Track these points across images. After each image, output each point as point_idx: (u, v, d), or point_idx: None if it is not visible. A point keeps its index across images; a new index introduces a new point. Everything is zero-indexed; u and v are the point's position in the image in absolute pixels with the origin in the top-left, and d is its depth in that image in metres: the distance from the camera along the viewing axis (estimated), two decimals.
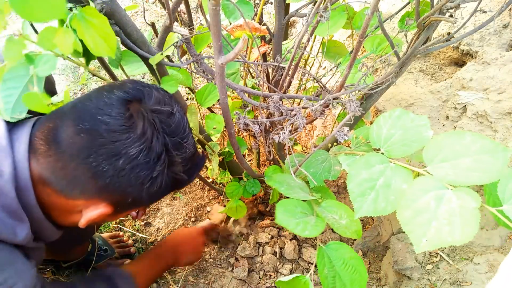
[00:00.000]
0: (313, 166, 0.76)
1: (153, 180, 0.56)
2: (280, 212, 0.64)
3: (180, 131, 0.59)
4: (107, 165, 0.52)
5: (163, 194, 0.62)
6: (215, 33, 0.49)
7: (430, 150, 0.53)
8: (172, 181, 0.60)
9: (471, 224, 0.45)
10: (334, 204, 0.69)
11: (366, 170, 0.56)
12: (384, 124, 0.61)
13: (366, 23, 0.57)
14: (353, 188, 0.56)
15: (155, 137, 0.55)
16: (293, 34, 1.86)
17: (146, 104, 0.56)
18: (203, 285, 1.15)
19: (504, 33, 1.09)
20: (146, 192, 0.57)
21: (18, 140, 0.54)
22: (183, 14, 0.93)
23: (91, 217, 0.57)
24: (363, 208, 0.55)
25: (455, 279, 0.94)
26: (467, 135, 0.51)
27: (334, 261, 0.62)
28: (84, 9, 0.50)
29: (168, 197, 1.35)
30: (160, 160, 0.55)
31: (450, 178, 0.49)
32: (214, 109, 1.41)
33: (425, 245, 0.47)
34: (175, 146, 0.58)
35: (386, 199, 0.53)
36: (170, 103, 0.59)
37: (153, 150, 0.54)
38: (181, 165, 0.60)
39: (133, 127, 0.53)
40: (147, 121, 0.54)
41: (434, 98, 1.17)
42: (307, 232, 0.61)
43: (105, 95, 0.55)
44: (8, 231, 0.52)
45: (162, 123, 0.56)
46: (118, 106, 0.53)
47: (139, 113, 0.54)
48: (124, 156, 0.52)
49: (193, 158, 0.64)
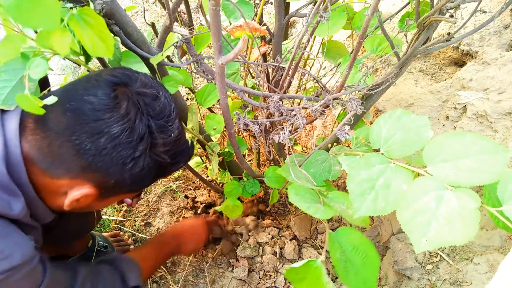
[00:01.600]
0: (313, 166, 0.76)
1: (135, 161, 0.57)
2: (292, 193, 0.64)
3: (165, 115, 0.59)
4: (90, 143, 0.53)
5: (147, 178, 0.62)
6: (215, 33, 0.49)
7: (430, 151, 0.53)
8: (156, 165, 0.60)
9: (471, 224, 0.45)
10: (340, 194, 0.69)
11: (366, 170, 0.56)
12: (384, 125, 0.61)
13: (366, 23, 0.57)
14: (353, 188, 0.56)
15: (139, 118, 0.56)
16: (293, 34, 1.86)
17: (132, 87, 0.57)
18: (203, 285, 1.15)
19: (504, 33, 1.09)
20: (129, 174, 0.58)
21: (9, 119, 0.55)
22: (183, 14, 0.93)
23: (74, 197, 0.57)
24: (362, 207, 0.55)
25: (455, 279, 0.94)
26: (467, 136, 0.51)
27: (345, 247, 0.62)
28: (82, 10, 0.50)
29: (168, 197, 1.35)
30: (142, 140, 0.56)
31: (450, 178, 0.49)
32: (214, 109, 1.41)
33: (425, 245, 0.47)
34: (159, 129, 0.59)
35: (386, 199, 0.53)
36: (156, 87, 0.61)
37: (135, 130, 0.55)
38: (165, 148, 0.61)
39: (117, 107, 0.54)
40: (131, 102, 0.55)
41: (434, 98, 1.17)
42: (319, 214, 0.61)
43: (94, 77, 0.57)
44: (3, 204, 0.53)
45: (147, 105, 0.57)
46: (104, 88, 0.55)
47: (124, 94, 0.55)
48: (106, 135, 0.53)
49: (179, 143, 0.64)
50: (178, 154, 0.65)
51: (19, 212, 0.55)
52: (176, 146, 0.63)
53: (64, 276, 0.65)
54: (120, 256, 0.84)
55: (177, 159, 0.66)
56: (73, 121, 0.53)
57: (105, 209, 1.33)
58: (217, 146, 0.94)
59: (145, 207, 1.33)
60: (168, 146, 0.61)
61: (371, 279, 0.61)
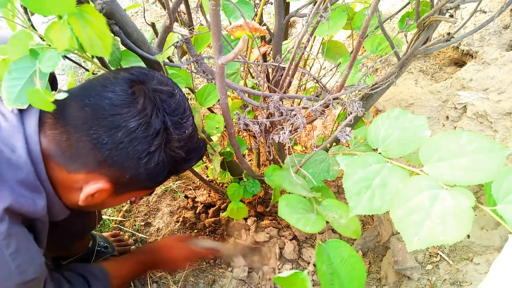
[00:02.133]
0: (312, 166, 0.76)
1: (150, 155, 0.58)
2: (282, 205, 0.64)
3: (180, 112, 0.61)
4: (107, 137, 0.54)
5: (161, 174, 0.63)
6: (215, 33, 0.49)
7: (427, 150, 0.53)
8: (170, 160, 0.62)
9: (464, 223, 0.45)
10: (334, 203, 0.69)
11: (363, 169, 0.56)
12: (382, 124, 0.61)
13: (366, 23, 0.57)
14: (349, 187, 0.56)
15: (155, 114, 0.57)
16: (293, 34, 1.86)
17: (149, 84, 0.59)
18: (203, 285, 1.15)
19: (504, 33, 1.09)
20: (144, 168, 0.59)
21: (28, 116, 0.56)
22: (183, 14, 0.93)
23: (89, 191, 0.58)
24: (358, 206, 0.55)
25: (455, 279, 0.94)
26: (464, 135, 0.51)
27: (333, 259, 0.62)
28: (83, 7, 0.50)
29: (168, 197, 1.35)
30: (158, 136, 0.57)
31: (447, 177, 0.49)
32: (214, 109, 1.41)
33: (417, 244, 0.47)
34: (174, 125, 0.60)
35: (382, 198, 0.54)
36: (172, 85, 0.62)
37: (151, 126, 0.56)
38: (179, 144, 0.62)
39: (134, 103, 0.55)
40: (148, 98, 0.57)
41: (434, 98, 1.17)
42: (308, 228, 0.61)
43: (112, 75, 0.58)
44: (28, 203, 0.54)
45: (163, 102, 0.59)
46: (122, 84, 0.56)
47: (141, 91, 0.57)
48: (124, 129, 0.55)
49: (192, 140, 0.65)
50: (192, 151, 0.66)
51: (42, 208, 0.56)
52: (190, 143, 0.64)
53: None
54: (93, 270, 0.82)
55: (191, 156, 0.67)
56: (91, 116, 0.54)
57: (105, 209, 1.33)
58: (218, 146, 0.94)
59: (145, 207, 1.33)
60: (183, 142, 0.62)
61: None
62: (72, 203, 0.62)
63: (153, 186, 0.68)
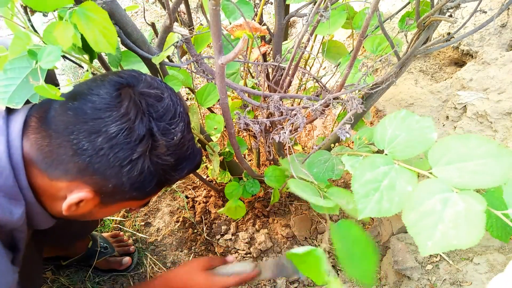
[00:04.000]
0: (316, 166, 0.76)
1: (133, 163, 0.54)
2: (293, 185, 0.64)
3: (168, 117, 0.57)
4: (87, 142, 0.51)
5: (147, 184, 0.59)
6: (215, 33, 0.49)
7: (436, 152, 0.53)
8: (157, 169, 0.58)
9: (477, 227, 0.45)
10: (339, 190, 0.69)
11: (371, 171, 0.56)
12: (389, 125, 0.61)
13: (366, 23, 0.57)
14: (358, 189, 0.56)
15: (139, 119, 0.53)
16: (293, 34, 1.86)
17: (137, 87, 0.56)
18: None
19: (504, 33, 1.09)
20: (127, 177, 0.55)
21: (14, 120, 0.54)
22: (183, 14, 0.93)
23: (72, 200, 0.54)
24: (367, 209, 0.55)
25: (455, 279, 0.94)
26: (472, 139, 0.51)
27: (345, 239, 0.62)
28: (84, 4, 0.50)
29: (168, 197, 1.35)
30: (142, 142, 0.54)
31: (456, 180, 0.49)
32: (214, 109, 1.41)
33: (430, 248, 0.47)
34: (161, 131, 0.56)
35: (391, 200, 0.53)
36: (162, 89, 0.59)
37: (134, 131, 0.53)
38: (167, 151, 0.57)
39: (118, 106, 0.52)
40: (133, 101, 0.54)
41: (434, 98, 1.17)
42: (322, 202, 0.61)
43: (100, 78, 0.56)
44: (5, 212, 0.51)
45: (150, 106, 0.55)
46: (108, 87, 0.54)
47: (127, 94, 0.54)
48: (104, 134, 0.51)
49: (182, 147, 0.60)
50: (183, 159, 0.62)
51: (18, 218, 0.53)
52: (180, 150, 0.60)
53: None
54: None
55: (182, 165, 0.62)
56: (73, 120, 0.52)
57: None
58: (217, 146, 0.94)
59: (145, 207, 1.33)
60: (171, 149, 0.58)
61: (370, 270, 0.61)
62: (57, 212, 0.59)
63: (142, 197, 0.62)
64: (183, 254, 1.22)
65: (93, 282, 1.13)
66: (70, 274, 1.15)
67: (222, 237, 1.24)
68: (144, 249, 1.22)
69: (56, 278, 1.12)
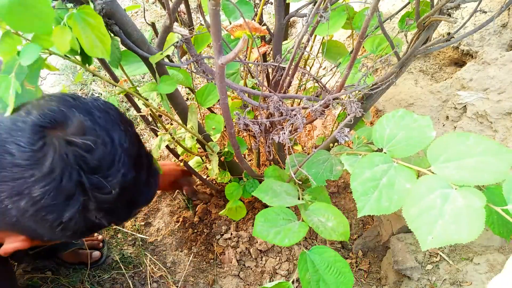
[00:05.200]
0: (315, 166, 0.76)
1: (64, 224, 0.49)
2: (259, 223, 0.63)
3: (104, 168, 0.49)
4: (10, 203, 0.46)
5: (89, 232, 0.54)
6: (215, 33, 0.49)
7: (434, 150, 0.53)
8: (96, 224, 0.52)
9: (477, 222, 0.46)
10: (322, 206, 0.69)
11: (370, 170, 0.56)
12: (387, 124, 0.61)
13: (366, 23, 0.57)
14: (357, 187, 0.56)
15: (66, 176, 0.46)
16: (293, 34, 1.85)
17: (66, 130, 0.48)
18: (203, 285, 1.15)
19: (504, 33, 1.09)
20: (61, 235, 0.51)
21: None
22: (183, 14, 0.93)
23: (7, 250, 0.52)
24: (366, 207, 0.55)
25: (455, 279, 0.94)
26: (471, 137, 0.51)
27: (318, 265, 0.61)
28: (82, 9, 0.50)
29: (168, 197, 1.35)
30: (71, 202, 0.48)
31: (455, 178, 0.50)
32: (214, 109, 1.41)
33: (430, 243, 0.47)
34: (95, 187, 0.49)
35: (390, 198, 0.54)
36: (97, 132, 0.50)
37: (61, 192, 0.46)
38: (104, 207, 0.51)
39: (40, 163, 0.45)
40: (59, 155, 0.46)
41: (434, 98, 1.17)
42: (287, 240, 0.60)
43: (23, 115, 0.48)
44: None
45: (78, 158, 0.47)
46: (30, 133, 0.46)
47: (51, 145, 0.46)
48: (27, 197, 0.46)
49: (125, 196, 0.53)
50: (127, 206, 0.55)
51: None
52: (121, 200, 0.53)
53: None
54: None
55: (124, 212, 0.56)
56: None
57: None
58: (216, 146, 0.94)
59: (145, 207, 1.33)
60: (108, 204, 0.51)
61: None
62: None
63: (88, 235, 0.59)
64: (183, 254, 1.22)
65: (92, 282, 1.14)
66: (70, 274, 1.15)
67: (222, 237, 1.24)
68: (144, 249, 1.23)
69: (56, 278, 1.12)
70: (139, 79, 1.74)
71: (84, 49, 0.53)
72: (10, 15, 0.43)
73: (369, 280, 1.16)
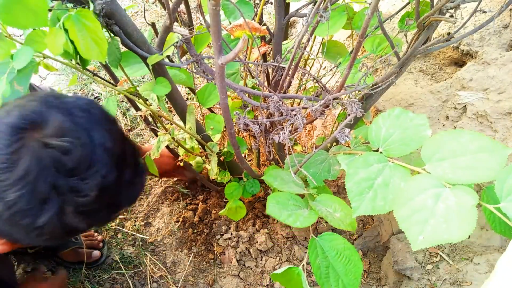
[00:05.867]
0: (313, 166, 0.76)
1: (39, 229, 0.47)
2: (271, 203, 0.64)
3: (81, 170, 0.48)
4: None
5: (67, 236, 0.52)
6: (215, 33, 0.49)
7: (428, 149, 0.53)
8: (72, 227, 0.51)
9: (468, 221, 0.45)
10: (328, 198, 0.69)
11: (364, 169, 0.56)
12: (383, 124, 0.61)
13: (366, 23, 0.57)
14: (351, 187, 0.56)
15: (42, 179, 0.45)
16: (293, 34, 1.85)
17: (44, 132, 0.47)
18: (203, 285, 1.15)
19: (504, 33, 1.09)
20: (38, 239, 0.50)
21: None
22: (183, 14, 0.93)
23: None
24: (361, 207, 0.55)
25: (455, 279, 0.94)
26: (465, 134, 0.51)
27: (327, 252, 0.62)
28: (80, 11, 0.50)
29: (168, 197, 1.35)
30: (46, 207, 0.46)
31: (449, 176, 0.49)
32: (214, 109, 1.41)
33: (421, 243, 0.47)
34: (72, 189, 0.47)
35: (385, 198, 0.53)
36: (75, 134, 0.48)
37: (36, 196, 0.45)
38: (83, 210, 0.49)
39: (15, 166, 0.44)
40: (35, 158, 0.45)
41: (434, 98, 1.17)
42: (299, 223, 0.61)
43: (2, 116, 0.47)
44: None
45: (55, 161, 0.46)
46: (7, 135, 0.45)
47: (27, 147, 0.45)
48: (2, 201, 0.45)
49: (105, 197, 0.51)
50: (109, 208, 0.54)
51: None
52: (101, 202, 0.51)
53: None
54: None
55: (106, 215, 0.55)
56: None
57: None
58: (216, 146, 0.94)
59: (145, 207, 1.33)
60: (87, 207, 0.49)
61: (353, 285, 0.61)
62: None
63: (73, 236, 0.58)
64: (183, 254, 1.22)
65: (92, 282, 1.14)
66: (70, 274, 1.15)
67: (222, 237, 1.24)
68: (144, 249, 1.23)
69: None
70: (139, 78, 1.74)
71: (79, 51, 0.52)
72: (6, 12, 0.43)
73: (369, 280, 1.16)
